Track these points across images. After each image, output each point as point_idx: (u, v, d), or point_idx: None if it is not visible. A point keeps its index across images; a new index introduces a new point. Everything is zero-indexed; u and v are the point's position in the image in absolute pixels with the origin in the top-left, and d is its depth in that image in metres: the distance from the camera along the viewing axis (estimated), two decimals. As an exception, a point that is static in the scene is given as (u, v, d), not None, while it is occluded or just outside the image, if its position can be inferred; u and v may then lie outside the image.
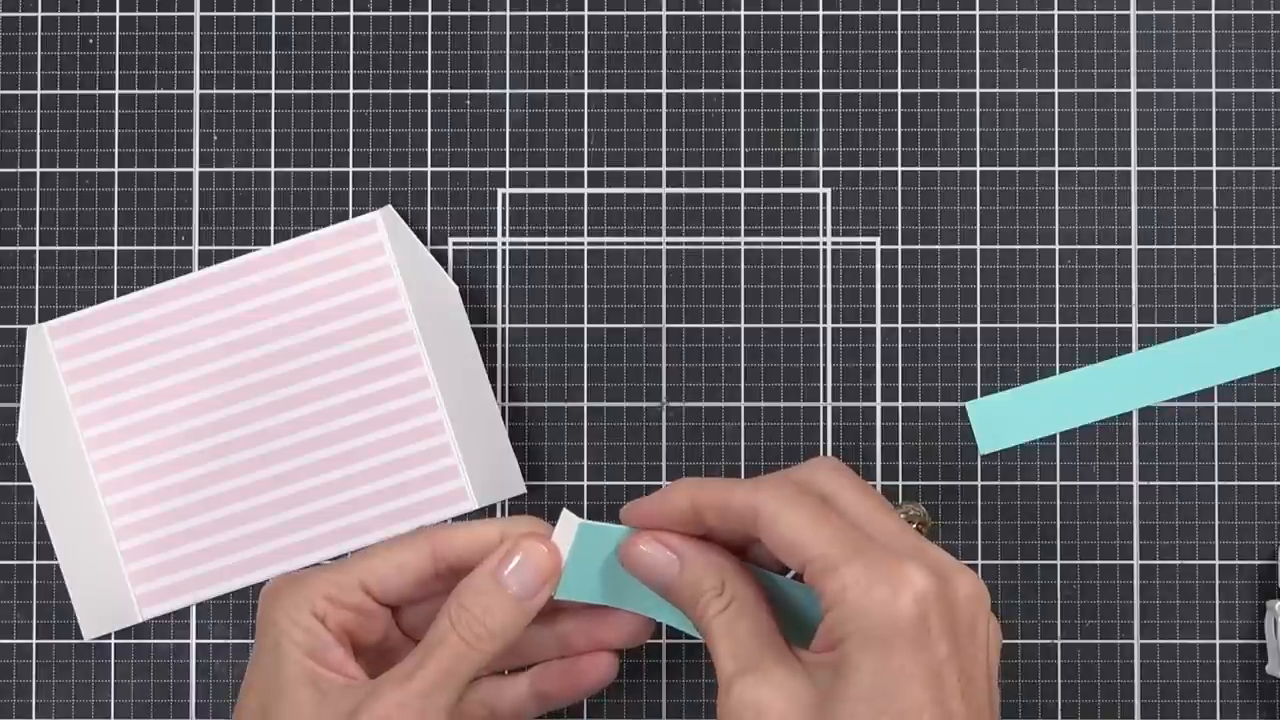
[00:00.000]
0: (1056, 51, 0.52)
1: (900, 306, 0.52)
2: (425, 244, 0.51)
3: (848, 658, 0.37)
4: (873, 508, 0.40)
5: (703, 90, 0.52)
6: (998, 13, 0.52)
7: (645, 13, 0.52)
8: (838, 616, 0.37)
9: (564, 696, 0.46)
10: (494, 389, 0.51)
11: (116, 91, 0.52)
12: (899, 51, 0.52)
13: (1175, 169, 0.52)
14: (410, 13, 0.52)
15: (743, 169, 0.52)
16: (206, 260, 0.52)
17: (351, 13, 0.52)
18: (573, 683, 0.45)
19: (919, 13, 0.52)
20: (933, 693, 0.36)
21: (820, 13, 0.52)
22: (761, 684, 0.38)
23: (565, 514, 0.43)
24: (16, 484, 0.52)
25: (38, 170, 0.52)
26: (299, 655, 0.41)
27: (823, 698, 0.37)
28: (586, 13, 0.52)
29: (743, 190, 0.52)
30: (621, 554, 0.42)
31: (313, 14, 0.52)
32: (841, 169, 0.52)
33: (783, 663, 0.38)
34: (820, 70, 0.52)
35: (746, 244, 0.52)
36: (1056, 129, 0.52)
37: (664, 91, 0.52)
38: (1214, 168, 0.52)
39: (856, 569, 0.37)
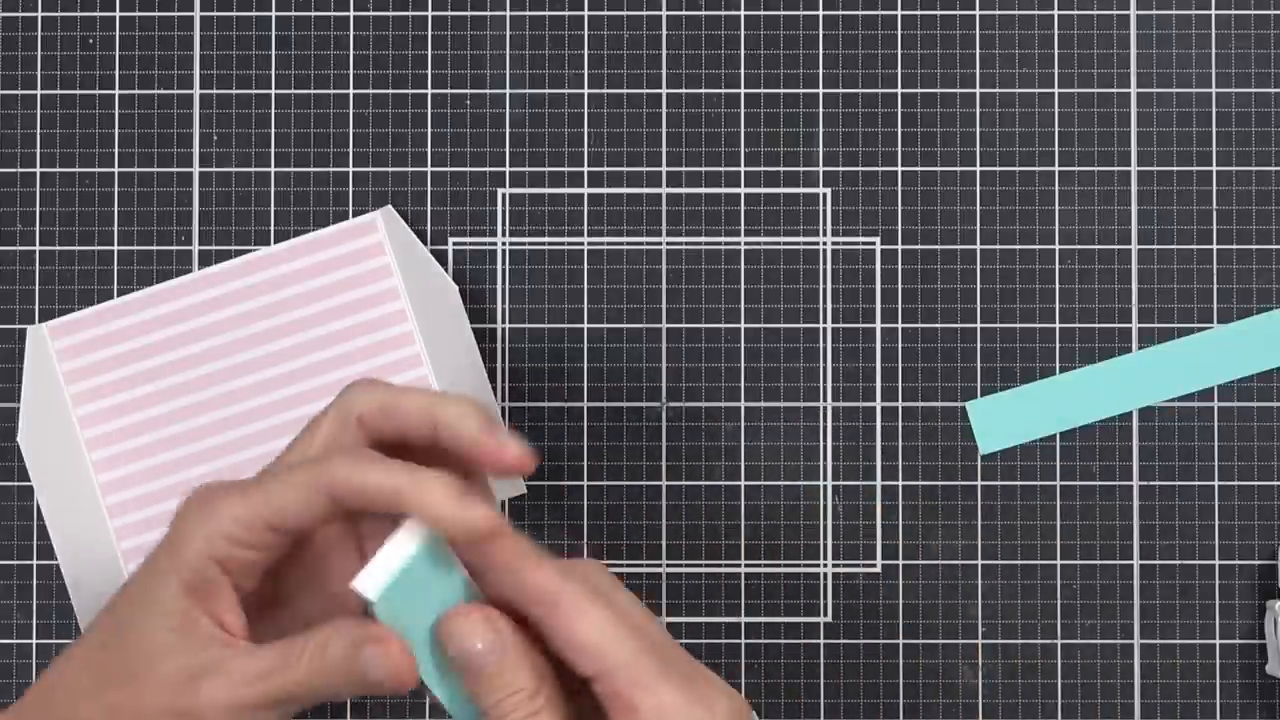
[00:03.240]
0: (1056, 51, 0.52)
1: (900, 306, 0.52)
2: (425, 244, 0.51)
3: None
4: (644, 611, 0.40)
5: (703, 90, 0.52)
6: (998, 13, 0.52)
7: (645, 13, 0.52)
8: None
9: None
10: (494, 389, 0.51)
11: (116, 91, 0.52)
12: (899, 51, 0.52)
13: (1175, 169, 0.52)
14: (410, 13, 0.52)
15: (743, 169, 0.52)
16: (206, 260, 0.52)
17: (351, 13, 0.52)
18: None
19: (919, 13, 0.52)
20: None
21: (820, 13, 0.52)
22: None
23: (412, 524, 0.39)
24: (16, 484, 0.52)
25: (38, 170, 0.52)
26: (179, 592, 0.39)
27: None
28: (586, 13, 0.52)
29: (743, 190, 0.52)
30: (442, 626, 0.40)
31: (313, 14, 0.52)
32: (841, 169, 0.52)
33: None
34: (820, 70, 0.52)
35: (746, 244, 0.52)
36: (1056, 129, 0.52)
37: (664, 91, 0.52)
38: (1214, 168, 0.52)
39: (672, 689, 0.37)
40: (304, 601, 0.43)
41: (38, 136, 0.52)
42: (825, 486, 0.52)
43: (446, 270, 0.51)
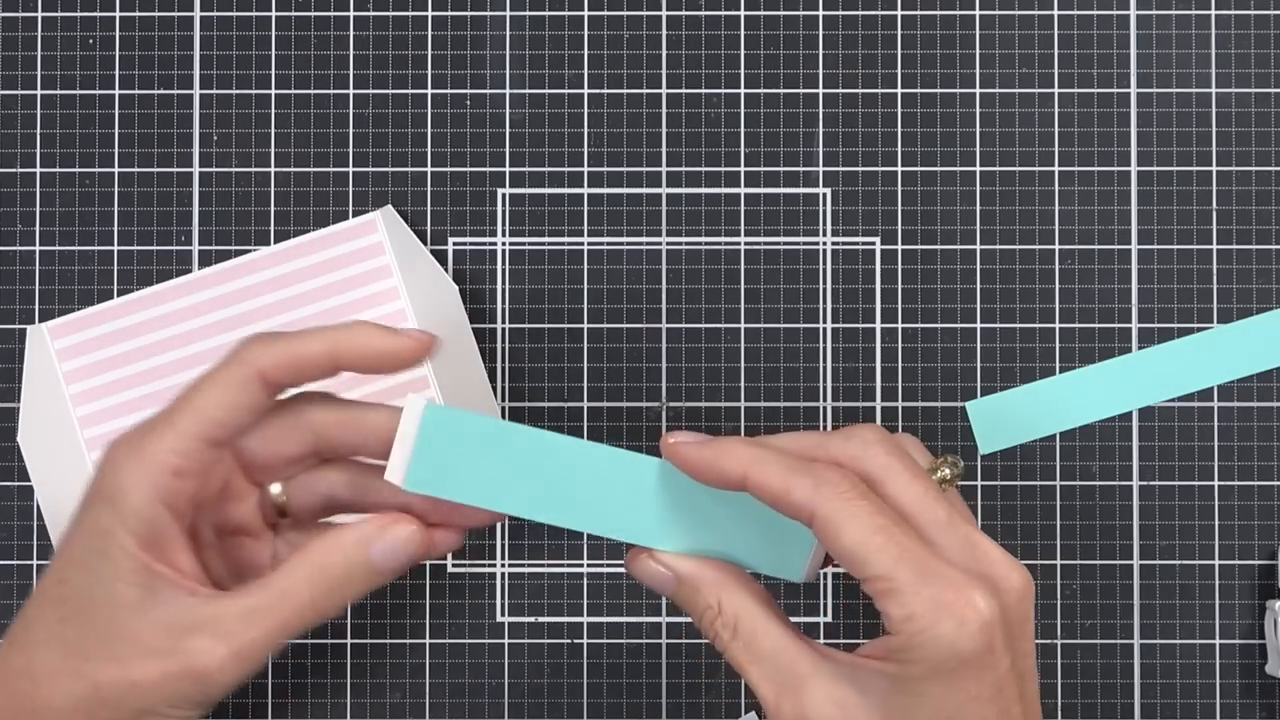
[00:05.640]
0: (1056, 51, 0.52)
1: (900, 306, 0.52)
2: (425, 244, 0.51)
3: (913, 682, 0.37)
4: (922, 494, 0.39)
5: (703, 90, 0.52)
6: (998, 13, 0.52)
7: (645, 13, 0.52)
8: (901, 643, 0.37)
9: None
10: (494, 389, 0.51)
11: (116, 91, 0.52)
12: (899, 51, 0.52)
13: (1175, 169, 0.52)
14: (410, 13, 0.52)
15: (743, 169, 0.52)
16: (206, 260, 0.52)
17: (351, 13, 0.52)
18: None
19: (919, 13, 0.52)
20: (997, 706, 0.37)
21: (820, 13, 0.52)
22: (807, 702, 0.38)
23: (411, 396, 0.40)
24: (16, 484, 0.52)
25: (38, 170, 0.52)
26: (133, 548, 0.38)
27: (884, 712, 0.37)
28: (586, 13, 0.52)
29: (743, 190, 0.52)
30: (628, 564, 0.41)
31: (313, 14, 0.52)
32: (841, 169, 0.52)
33: (819, 672, 0.38)
34: (820, 70, 0.52)
35: (746, 244, 0.52)
36: (1056, 129, 0.52)
37: (664, 91, 0.52)
38: (1214, 168, 0.52)
39: (922, 599, 0.37)
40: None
41: (38, 136, 0.52)
42: (825, 486, 0.51)
43: (446, 270, 0.51)
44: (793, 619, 0.51)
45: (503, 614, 0.51)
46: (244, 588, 0.39)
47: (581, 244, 0.52)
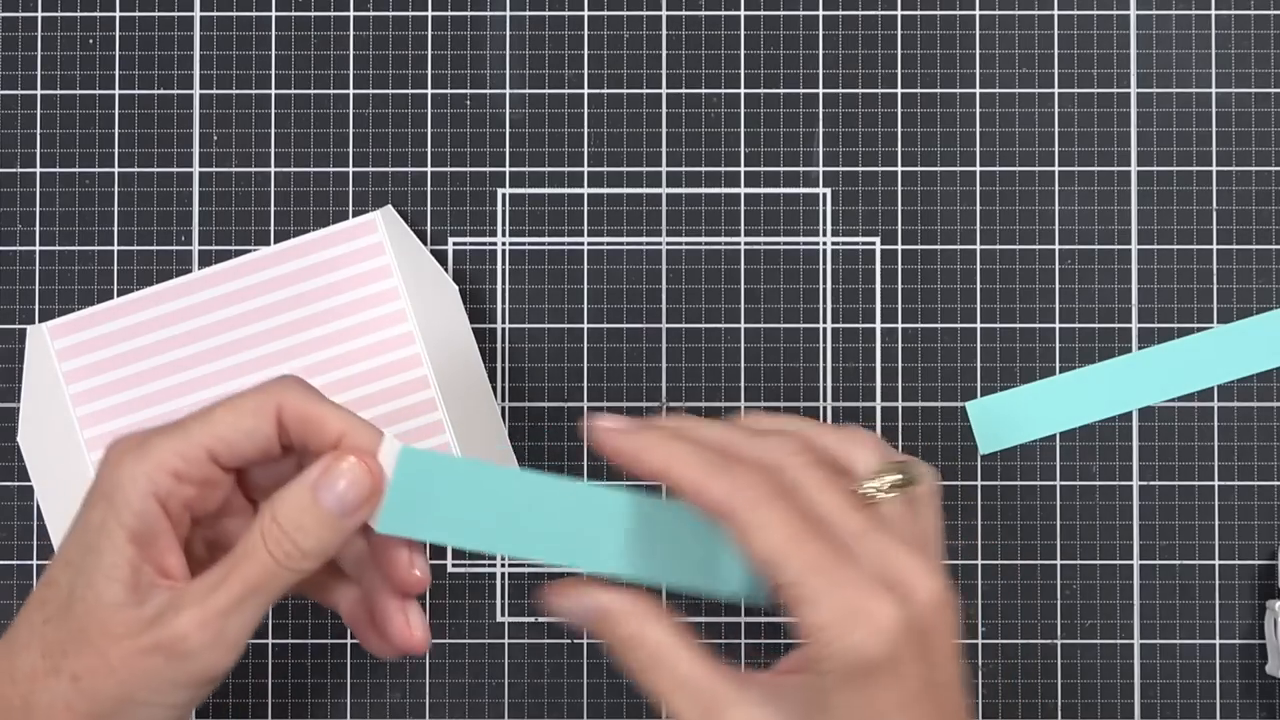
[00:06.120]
0: (1056, 51, 0.52)
1: (900, 306, 0.52)
2: (425, 244, 0.51)
3: (826, 694, 0.37)
4: (836, 505, 0.39)
5: (703, 90, 0.52)
6: (998, 13, 0.52)
7: (645, 13, 0.52)
8: (814, 653, 0.37)
9: (368, 645, 0.44)
10: (494, 389, 0.51)
11: (116, 91, 0.52)
12: (899, 51, 0.52)
13: (1175, 169, 0.52)
14: (410, 13, 0.52)
15: (743, 169, 0.52)
16: (206, 260, 0.52)
17: (351, 13, 0.52)
18: (377, 647, 0.44)
19: (919, 13, 0.52)
20: (908, 715, 0.37)
21: (820, 13, 0.52)
22: None
23: (387, 437, 0.40)
24: (16, 484, 0.52)
25: (38, 170, 0.52)
26: (122, 541, 0.38)
27: None
28: (586, 13, 0.52)
29: (743, 190, 0.52)
30: (549, 601, 0.41)
31: (313, 14, 0.52)
32: (841, 169, 0.52)
33: (740, 698, 0.38)
34: (820, 70, 0.52)
35: (746, 244, 0.52)
36: (1056, 129, 0.52)
37: (664, 91, 0.52)
38: (1214, 168, 0.52)
39: (833, 606, 0.37)
40: None
41: (38, 136, 0.52)
42: (825, 486, 0.51)
43: (446, 270, 0.51)
44: (792, 619, 0.51)
45: (503, 614, 0.51)
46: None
47: (581, 244, 0.52)
